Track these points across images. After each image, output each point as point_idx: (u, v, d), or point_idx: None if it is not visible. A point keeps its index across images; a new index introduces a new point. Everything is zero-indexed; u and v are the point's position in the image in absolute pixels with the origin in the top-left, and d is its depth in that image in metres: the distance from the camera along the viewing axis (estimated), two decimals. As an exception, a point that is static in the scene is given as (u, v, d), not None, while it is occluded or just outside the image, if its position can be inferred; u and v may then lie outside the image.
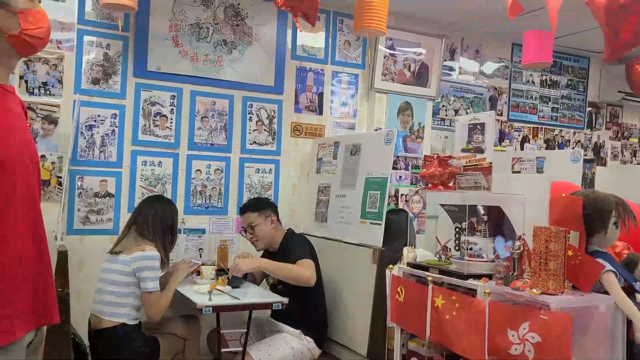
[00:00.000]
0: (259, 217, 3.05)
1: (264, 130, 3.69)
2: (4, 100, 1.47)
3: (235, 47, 3.59)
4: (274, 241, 3.10)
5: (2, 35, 1.42)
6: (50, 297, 1.58)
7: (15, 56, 1.50)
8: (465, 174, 2.07)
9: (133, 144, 3.34)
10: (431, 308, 1.94)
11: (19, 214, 1.44)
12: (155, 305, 2.71)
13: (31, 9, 1.45)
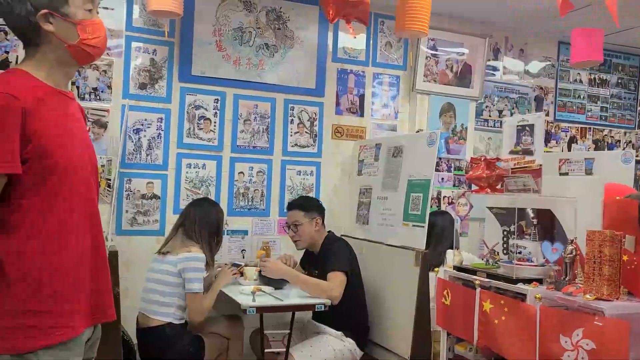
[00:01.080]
0: (305, 217, 3.07)
1: (306, 132, 3.71)
2: (65, 106, 1.53)
3: (277, 51, 3.62)
4: (316, 243, 3.11)
5: (62, 45, 1.48)
6: (107, 295, 1.63)
7: (74, 65, 1.56)
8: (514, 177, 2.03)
9: (178, 147, 3.42)
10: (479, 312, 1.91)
11: (79, 215, 1.49)
12: (198, 306, 2.76)
13: (89, 20, 1.50)
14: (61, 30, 1.46)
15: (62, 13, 1.45)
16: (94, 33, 1.51)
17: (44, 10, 1.43)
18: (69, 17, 1.46)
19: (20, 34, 1.50)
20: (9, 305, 1.39)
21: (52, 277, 1.44)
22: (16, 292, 1.39)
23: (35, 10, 1.43)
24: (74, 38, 1.48)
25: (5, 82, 1.43)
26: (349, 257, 3.01)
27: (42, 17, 1.44)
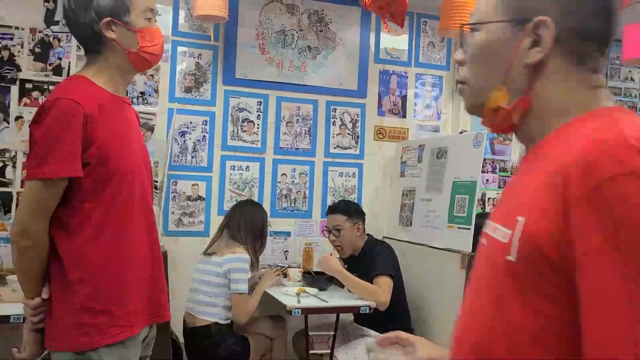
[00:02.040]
0: (347, 221, 3.05)
1: (348, 134, 3.71)
2: (123, 111, 1.57)
3: (319, 53, 3.63)
4: (356, 247, 3.09)
5: (122, 52, 1.52)
6: (163, 295, 1.67)
7: (133, 71, 1.60)
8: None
9: (222, 149, 3.46)
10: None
11: (137, 217, 1.53)
12: (243, 307, 2.79)
13: (149, 28, 1.53)
14: (122, 37, 1.50)
15: (124, 21, 1.50)
16: (153, 40, 1.55)
17: (106, 18, 1.48)
18: (130, 25, 1.50)
19: (83, 41, 1.55)
20: (71, 305, 1.44)
21: (112, 279, 1.47)
22: (77, 293, 1.44)
23: (99, 18, 1.48)
24: (134, 45, 1.52)
25: (68, 88, 1.48)
26: (393, 260, 2.99)
27: (104, 25, 1.48)
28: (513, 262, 0.72)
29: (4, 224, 3.02)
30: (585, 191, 0.65)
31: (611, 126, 0.70)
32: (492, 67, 0.83)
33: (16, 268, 1.47)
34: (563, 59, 0.79)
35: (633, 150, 0.64)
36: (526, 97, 0.80)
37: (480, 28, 0.84)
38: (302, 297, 2.80)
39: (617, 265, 0.63)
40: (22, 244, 1.41)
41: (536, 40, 0.78)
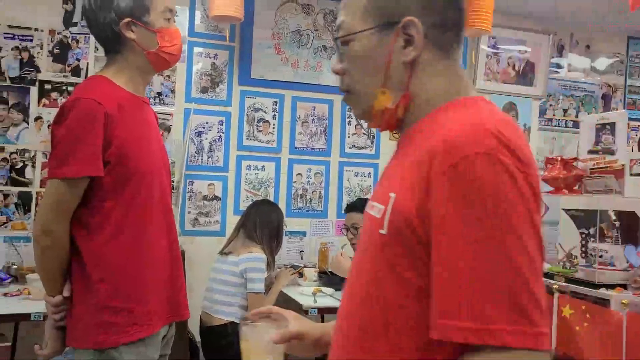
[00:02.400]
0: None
1: (363, 133, 3.70)
2: (142, 112, 1.58)
3: (335, 53, 3.61)
4: None
5: (142, 52, 1.52)
6: (182, 294, 1.67)
7: (152, 71, 1.61)
8: (594, 177, 1.94)
9: (238, 149, 3.47)
10: (557, 318, 1.84)
11: (156, 217, 1.54)
12: (259, 306, 2.78)
13: (168, 28, 1.54)
14: (142, 38, 1.51)
15: (144, 21, 1.50)
16: (172, 41, 1.55)
17: (126, 18, 1.48)
18: (150, 26, 1.51)
19: (103, 42, 1.56)
20: (92, 304, 1.45)
21: (132, 278, 1.48)
22: (98, 291, 1.45)
23: (119, 18, 1.48)
24: (154, 45, 1.52)
25: (89, 88, 1.49)
26: None
27: (124, 26, 1.49)
28: (385, 235, 0.77)
29: (24, 223, 3.06)
30: (445, 168, 0.71)
31: (474, 113, 0.78)
32: (372, 73, 0.87)
33: (38, 266, 1.48)
34: (431, 52, 0.85)
35: (488, 134, 0.71)
36: (407, 94, 0.85)
37: (353, 38, 0.87)
38: (318, 296, 2.80)
39: (464, 234, 0.68)
40: (43, 243, 1.43)
41: (408, 39, 0.84)
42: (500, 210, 0.68)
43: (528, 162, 0.73)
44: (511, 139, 0.72)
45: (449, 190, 0.70)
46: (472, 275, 0.68)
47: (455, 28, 0.87)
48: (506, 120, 0.77)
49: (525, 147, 0.74)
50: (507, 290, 0.67)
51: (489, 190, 0.69)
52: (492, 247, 0.68)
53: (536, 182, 0.73)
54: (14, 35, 3.06)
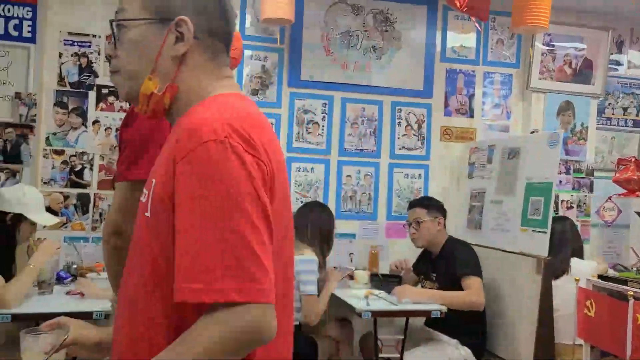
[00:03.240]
0: (427, 215, 2.98)
1: (413, 134, 3.65)
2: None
3: (384, 53, 3.59)
4: (436, 243, 3.01)
5: None
6: None
7: None
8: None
9: (288, 151, 3.48)
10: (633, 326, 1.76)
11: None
12: (313, 308, 2.78)
13: None
14: None
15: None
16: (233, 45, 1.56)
17: None
18: None
19: None
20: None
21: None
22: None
23: None
24: None
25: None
26: (477, 262, 2.90)
27: None
28: (149, 218, 0.87)
29: (82, 223, 3.16)
30: (186, 153, 0.82)
31: (218, 107, 0.89)
32: (143, 59, 0.95)
33: (106, 266, 1.52)
34: (200, 52, 0.96)
35: (225, 124, 0.82)
36: (174, 84, 0.94)
37: (128, 25, 0.95)
38: (370, 299, 2.77)
39: (196, 208, 0.79)
40: (113, 243, 1.46)
41: (179, 36, 0.93)
42: (227, 187, 0.79)
43: (259, 149, 0.84)
44: (245, 128, 0.84)
45: (187, 172, 0.81)
46: (202, 243, 0.78)
47: (223, 37, 0.98)
48: (247, 112, 0.90)
49: (259, 136, 0.85)
50: (231, 255, 0.78)
51: (219, 171, 0.80)
52: (219, 217, 0.78)
53: (268, 167, 0.85)
54: (73, 42, 3.17)
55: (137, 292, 0.89)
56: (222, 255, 0.78)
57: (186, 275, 0.79)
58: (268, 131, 0.92)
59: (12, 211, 2.40)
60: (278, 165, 0.90)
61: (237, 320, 0.78)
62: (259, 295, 0.78)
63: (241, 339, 0.79)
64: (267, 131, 0.91)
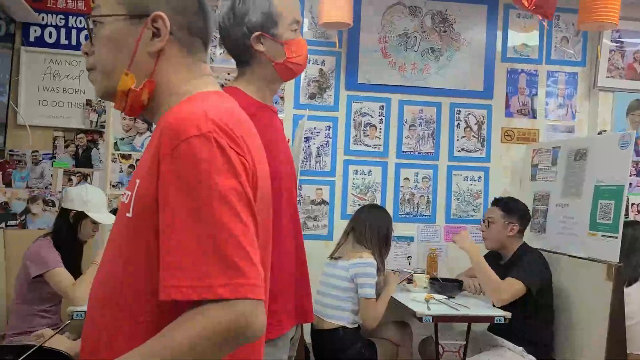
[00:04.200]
0: (502, 217, 2.90)
1: (473, 136, 3.58)
2: (271, 119, 1.63)
3: (443, 54, 3.54)
4: (505, 248, 2.93)
5: (270, 64, 1.57)
6: (307, 295, 1.70)
7: (279, 81, 1.65)
8: None
9: (345, 153, 3.49)
10: None
11: (284, 221, 1.57)
12: (371, 312, 2.78)
13: (294, 39, 1.58)
14: (270, 49, 1.55)
15: (272, 34, 1.55)
16: (298, 51, 1.59)
17: (257, 32, 1.54)
18: (278, 38, 1.55)
19: (235, 55, 1.62)
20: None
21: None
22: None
23: (250, 32, 1.54)
24: (281, 57, 1.57)
25: (223, 97, 1.56)
26: (539, 273, 2.79)
27: (255, 39, 1.54)
28: (130, 218, 0.86)
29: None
30: (169, 150, 0.81)
31: (200, 103, 0.88)
32: (119, 55, 0.94)
33: None
34: (178, 49, 0.96)
35: (208, 120, 0.82)
36: (151, 80, 0.94)
37: (104, 21, 0.94)
38: (431, 303, 2.74)
39: (181, 204, 0.78)
40: None
41: (155, 32, 0.93)
42: (212, 182, 0.78)
43: (242, 147, 0.84)
44: (228, 124, 0.84)
45: (171, 169, 0.80)
46: (189, 240, 0.77)
47: (201, 34, 0.99)
48: (230, 110, 0.89)
49: (241, 134, 0.85)
50: (219, 250, 0.76)
51: (203, 166, 0.79)
52: (205, 214, 0.77)
53: (250, 162, 0.85)
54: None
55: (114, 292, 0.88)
56: (208, 251, 0.77)
57: (173, 272, 0.77)
58: (251, 131, 0.92)
59: (74, 209, 2.53)
60: (261, 167, 0.89)
61: (224, 316, 0.76)
62: (247, 291, 0.77)
63: (227, 334, 0.77)
64: (250, 131, 0.91)
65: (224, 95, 0.97)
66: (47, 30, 3.13)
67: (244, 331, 0.78)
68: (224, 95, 0.97)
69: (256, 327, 0.79)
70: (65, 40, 3.15)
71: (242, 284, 0.77)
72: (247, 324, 0.77)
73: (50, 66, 3.14)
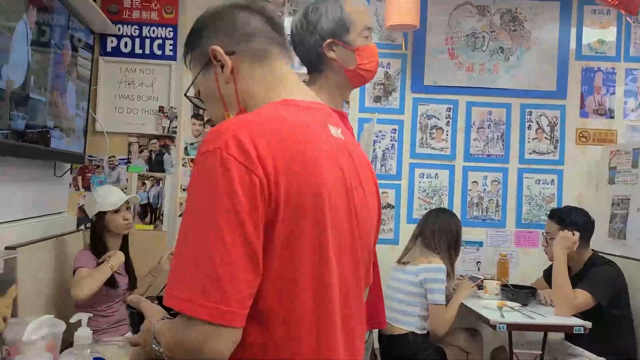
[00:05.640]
0: (559, 231, 2.77)
1: (545, 138, 3.45)
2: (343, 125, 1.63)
3: (513, 53, 3.44)
4: (573, 261, 2.77)
5: (341, 70, 1.57)
6: (380, 302, 1.68)
7: (350, 87, 1.65)
8: None
9: (411, 157, 3.45)
10: None
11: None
12: (441, 318, 2.72)
13: (366, 46, 1.57)
14: (342, 56, 1.56)
15: (344, 41, 1.55)
16: (369, 58, 1.58)
17: (329, 39, 1.54)
18: (349, 45, 1.55)
19: (307, 62, 1.63)
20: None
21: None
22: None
23: (322, 39, 1.55)
24: (352, 63, 1.56)
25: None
26: (608, 284, 2.65)
27: (327, 46, 1.55)
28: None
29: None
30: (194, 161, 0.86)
31: (241, 117, 0.89)
32: (217, 103, 1.02)
33: None
34: (248, 64, 1.00)
35: (230, 134, 0.82)
36: (241, 108, 1.00)
37: (196, 86, 1.06)
38: (504, 311, 2.65)
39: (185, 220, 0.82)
40: None
41: (222, 64, 0.99)
42: (207, 201, 0.80)
43: (263, 160, 0.81)
44: (253, 138, 0.82)
45: (190, 181, 0.85)
46: (181, 253, 0.81)
47: (263, 33, 1.01)
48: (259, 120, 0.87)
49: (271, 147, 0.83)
50: (196, 269, 0.79)
51: (204, 183, 0.82)
52: (197, 233, 0.81)
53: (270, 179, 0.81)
54: (207, 58, 3.38)
55: None
56: (188, 268, 0.80)
57: (168, 279, 0.83)
58: (298, 144, 0.86)
59: (90, 215, 2.62)
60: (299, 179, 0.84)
61: (183, 331, 0.81)
62: (204, 312, 0.78)
63: (185, 350, 0.82)
64: (295, 144, 0.86)
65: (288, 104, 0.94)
66: (123, 40, 3.26)
67: (196, 353, 0.80)
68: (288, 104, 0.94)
69: (209, 353, 0.79)
70: (140, 50, 3.27)
71: (203, 305, 0.78)
72: (199, 347, 0.80)
73: (125, 75, 3.28)
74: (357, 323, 0.98)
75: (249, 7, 1.03)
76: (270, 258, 0.83)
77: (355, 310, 0.96)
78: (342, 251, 0.92)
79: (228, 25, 1.01)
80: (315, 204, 0.86)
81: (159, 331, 0.93)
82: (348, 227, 0.93)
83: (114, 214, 2.60)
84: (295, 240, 0.84)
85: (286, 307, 0.85)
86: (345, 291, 0.93)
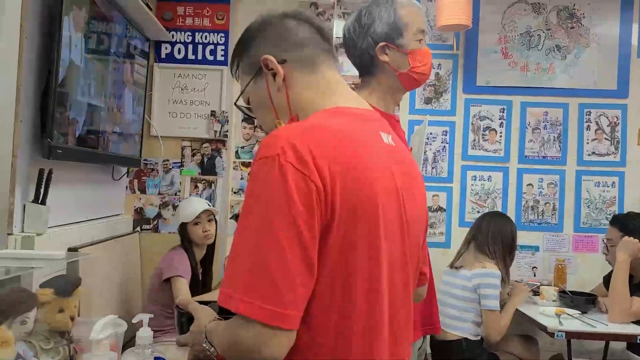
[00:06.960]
0: (621, 238, 2.66)
1: (605, 139, 3.31)
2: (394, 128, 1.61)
3: (570, 52, 3.32)
4: (635, 269, 2.67)
5: (394, 73, 1.55)
6: (435, 307, 1.65)
7: (402, 90, 1.62)
8: None
9: (463, 159, 3.38)
10: None
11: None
12: (495, 324, 2.65)
13: (419, 49, 1.54)
14: (395, 59, 1.53)
15: (397, 44, 1.53)
16: (422, 61, 1.55)
17: (382, 42, 1.53)
18: (402, 48, 1.53)
19: (359, 65, 1.62)
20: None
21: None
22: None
23: (375, 43, 1.53)
24: (405, 66, 1.54)
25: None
26: None
27: (379, 49, 1.53)
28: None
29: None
30: (251, 167, 0.88)
31: (296, 125, 0.89)
32: (267, 111, 1.03)
33: None
34: (299, 72, 1.00)
35: (286, 141, 0.83)
36: (293, 116, 0.99)
37: (245, 96, 1.06)
38: (563, 318, 2.56)
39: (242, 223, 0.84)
40: None
41: (273, 72, 1.00)
42: (264, 206, 0.81)
43: (320, 167, 0.82)
44: (308, 144, 0.82)
45: (246, 186, 0.87)
46: (236, 256, 0.83)
47: (313, 42, 1.01)
48: (313, 128, 0.87)
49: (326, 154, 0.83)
50: (251, 272, 0.80)
51: (261, 190, 0.82)
52: (254, 237, 0.81)
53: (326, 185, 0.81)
54: (258, 62, 3.42)
55: None
56: (245, 270, 0.81)
57: (224, 280, 0.84)
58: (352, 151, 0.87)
59: (176, 225, 2.71)
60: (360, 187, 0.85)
61: (240, 332, 0.82)
62: (261, 314, 0.79)
63: (240, 350, 0.83)
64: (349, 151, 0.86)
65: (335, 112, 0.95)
66: (176, 47, 3.34)
67: (252, 354, 0.81)
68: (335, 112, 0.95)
69: (266, 354, 0.80)
70: (192, 56, 3.35)
71: (260, 307, 0.79)
72: (253, 347, 0.80)
73: (179, 80, 3.35)
74: (403, 328, 0.98)
75: (297, 16, 1.04)
76: (324, 262, 0.83)
77: (401, 315, 0.97)
78: (393, 256, 0.92)
79: (278, 34, 1.02)
80: (370, 211, 0.86)
81: (211, 331, 0.95)
82: (399, 232, 0.94)
83: (194, 225, 2.68)
84: (350, 245, 0.84)
85: (338, 311, 0.85)
86: (393, 296, 0.93)
